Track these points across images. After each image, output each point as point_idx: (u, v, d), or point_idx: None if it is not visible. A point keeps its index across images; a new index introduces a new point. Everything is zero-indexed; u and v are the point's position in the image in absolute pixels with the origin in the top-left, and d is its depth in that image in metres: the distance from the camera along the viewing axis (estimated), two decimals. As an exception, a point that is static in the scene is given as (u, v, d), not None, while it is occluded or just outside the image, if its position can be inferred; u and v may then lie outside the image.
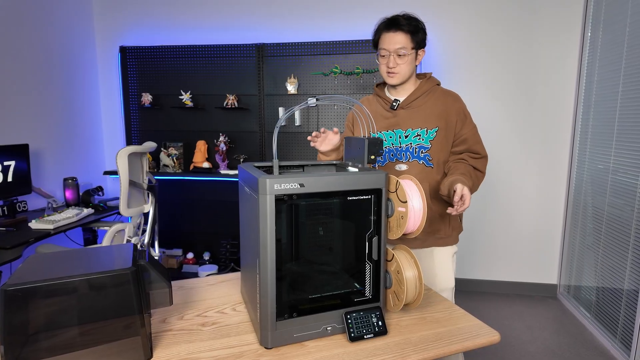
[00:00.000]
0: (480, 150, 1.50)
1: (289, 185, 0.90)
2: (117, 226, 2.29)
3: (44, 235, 2.10)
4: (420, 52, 1.46)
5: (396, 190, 1.05)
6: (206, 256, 3.41)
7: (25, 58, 2.68)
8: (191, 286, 1.30)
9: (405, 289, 1.03)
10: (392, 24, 1.41)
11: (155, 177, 2.81)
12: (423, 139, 1.45)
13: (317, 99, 1.13)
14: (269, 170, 1.09)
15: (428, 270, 1.53)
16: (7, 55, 2.54)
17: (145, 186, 2.40)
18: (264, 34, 3.23)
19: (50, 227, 2.18)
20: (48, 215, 2.31)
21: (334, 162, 1.30)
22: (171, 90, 3.31)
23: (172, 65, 3.30)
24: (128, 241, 2.32)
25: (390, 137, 1.50)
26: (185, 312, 1.12)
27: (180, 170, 3.27)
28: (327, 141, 1.47)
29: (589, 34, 2.79)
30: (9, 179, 2.37)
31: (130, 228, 2.35)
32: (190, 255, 3.41)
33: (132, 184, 2.22)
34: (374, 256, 1.03)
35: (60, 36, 3.01)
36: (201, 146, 3.27)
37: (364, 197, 1.00)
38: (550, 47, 2.94)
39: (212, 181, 3.37)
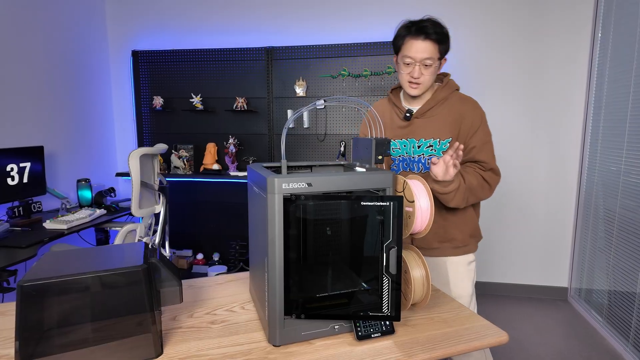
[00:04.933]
0: (486, 160, 1.36)
1: (297, 184, 0.91)
2: (128, 226, 2.32)
3: (57, 235, 2.15)
4: (443, 60, 1.37)
5: (403, 190, 1.06)
6: (215, 257, 3.43)
7: (40, 63, 2.75)
8: (201, 285, 1.32)
9: (412, 288, 1.04)
10: (420, 31, 1.30)
11: (167, 179, 2.84)
12: (435, 150, 1.38)
13: (325, 101, 1.14)
14: (277, 171, 1.10)
15: (442, 279, 1.48)
16: (22, 61, 2.60)
17: (156, 187, 2.43)
18: (273, 37, 3.26)
19: (64, 227, 2.23)
20: (62, 216, 2.36)
21: (342, 162, 1.31)
22: (182, 94, 3.36)
23: (183, 69, 3.34)
24: (139, 241, 2.35)
25: (404, 145, 1.44)
26: (195, 310, 1.14)
27: (190, 172, 3.31)
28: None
29: (600, 35, 2.76)
30: (25, 180, 2.42)
31: (141, 228, 2.38)
32: (200, 256, 3.44)
33: (144, 185, 2.25)
34: (390, 262, 1.03)
35: (74, 41, 3.08)
36: (211, 148, 3.30)
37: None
38: (561, 48, 2.92)
39: (221, 183, 3.40)
